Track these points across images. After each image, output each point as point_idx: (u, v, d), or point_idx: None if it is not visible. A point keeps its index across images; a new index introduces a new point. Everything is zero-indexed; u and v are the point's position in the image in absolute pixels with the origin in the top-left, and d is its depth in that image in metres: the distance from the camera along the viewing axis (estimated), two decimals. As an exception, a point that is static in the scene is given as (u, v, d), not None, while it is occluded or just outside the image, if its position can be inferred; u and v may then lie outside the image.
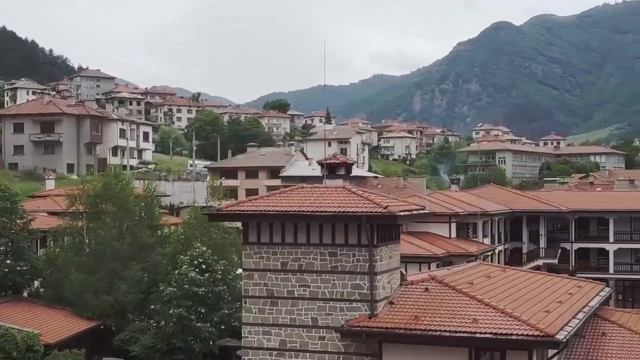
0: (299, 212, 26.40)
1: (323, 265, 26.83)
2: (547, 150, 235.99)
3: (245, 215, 27.26)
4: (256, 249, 27.51)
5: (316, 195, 27.65)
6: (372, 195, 27.65)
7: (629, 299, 78.61)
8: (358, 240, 26.52)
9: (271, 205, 27.23)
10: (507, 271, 33.73)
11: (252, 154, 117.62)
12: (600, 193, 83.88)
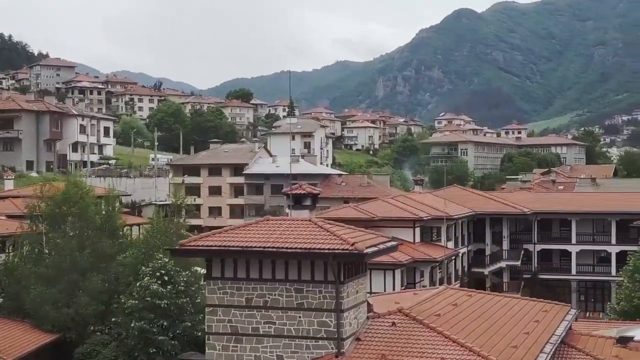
0: (264, 250, 25.86)
1: (289, 301, 26.33)
2: (509, 141, 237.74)
3: (209, 251, 26.65)
4: (220, 285, 26.92)
5: (282, 229, 27.12)
6: (339, 229, 27.19)
7: (590, 299, 79.43)
8: (324, 276, 26.06)
9: (236, 240, 26.64)
10: (472, 296, 33.49)
11: (215, 150, 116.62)
12: (563, 194, 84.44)
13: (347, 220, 64.79)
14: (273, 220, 28.17)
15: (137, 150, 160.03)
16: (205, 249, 26.72)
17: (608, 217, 77.14)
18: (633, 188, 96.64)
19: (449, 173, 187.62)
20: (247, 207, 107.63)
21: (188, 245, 27.10)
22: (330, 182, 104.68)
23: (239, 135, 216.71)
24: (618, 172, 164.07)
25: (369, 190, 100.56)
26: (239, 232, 27.29)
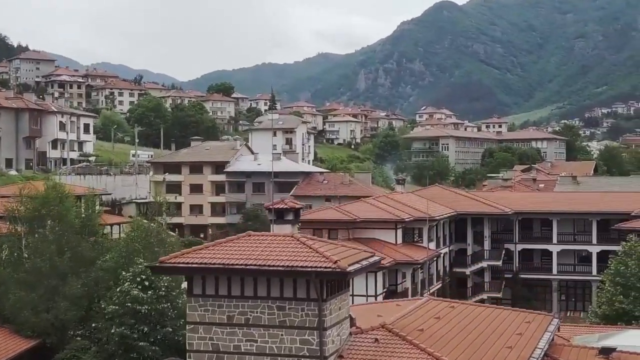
0: (246, 267, 25.58)
1: (271, 319, 26.04)
2: (490, 135, 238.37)
3: (190, 269, 26.33)
4: (201, 302, 26.60)
5: (264, 245, 26.82)
6: (321, 245, 26.94)
7: (571, 299, 79.75)
8: (307, 294, 25.79)
9: (217, 257, 26.32)
10: (455, 307, 33.39)
11: (196, 148, 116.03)
12: (544, 194, 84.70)
13: (329, 221, 65.14)
14: (255, 235, 27.87)
15: (117, 145, 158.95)
16: (186, 267, 26.40)
17: (589, 217, 77.41)
18: (613, 186, 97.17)
19: (430, 168, 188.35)
20: (228, 205, 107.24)
21: (168, 263, 26.75)
22: (312, 180, 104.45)
23: (220, 129, 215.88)
24: (598, 168, 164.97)
25: (351, 188, 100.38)
26: (220, 249, 26.97)
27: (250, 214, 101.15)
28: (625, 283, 50.05)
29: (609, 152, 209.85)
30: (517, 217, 78.18)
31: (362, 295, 59.78)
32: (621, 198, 79.12)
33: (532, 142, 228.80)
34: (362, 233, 65.45)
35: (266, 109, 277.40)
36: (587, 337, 43.68)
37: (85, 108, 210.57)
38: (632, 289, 49.79)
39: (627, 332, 42.21)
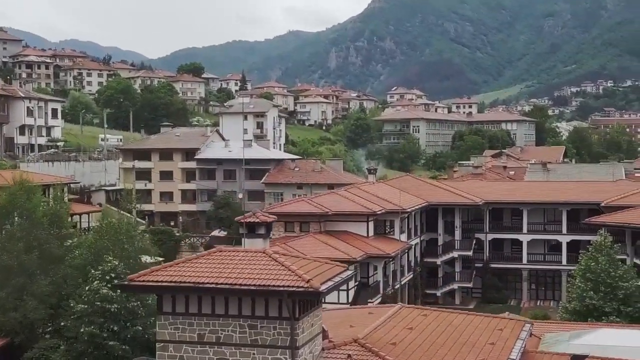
0: (217, 287, 25.24)
1: (242, 338, 25.77)
2: (460, 117, 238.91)
3: (160, 287, 25.94)
4: (171, 320, 26.25)
5: (235, 262, 26.47)
6: (294, 261, 26.65)
7: (541, 288, 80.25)
8: (279, 312, 25.53)
9: (187, 274, 25.96)
10: (427, 316, 33.29)
11: (166, 134, 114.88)
12: (514, 183, 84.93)
13: (301, 214, 64.81)
14: (225, 251, 27.48)
15: (86, 128, 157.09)
16: (155, 286, 26.01)
17: (559, 207, 77.73)
18: (582, 174, 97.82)
19: (401, 152, 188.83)
20: (199, 192, 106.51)
21: (138, 281, 26.32)
22: (284, 167, 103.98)
23: (190, 111, 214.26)
24: (568, 152, 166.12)
25: (322, 175, 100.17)
26: (190, 266, 26.59)
27: (221, 202, 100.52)
28: (595, 279, 50.21)
29: (578, 134, 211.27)
30: (487, 207, 78.36)
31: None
32: (591, 188, 79.58)
33: (502, 124, 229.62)
34: (334, 226, 65.28)
35: (237, 90, 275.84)
36: (558, 335, 43.89)
37: (53, 89, 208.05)
38: (602, 285, 49.95)
39: (599, 331, 42.42)
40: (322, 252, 60.13)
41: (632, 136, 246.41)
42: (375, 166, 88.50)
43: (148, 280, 26.20)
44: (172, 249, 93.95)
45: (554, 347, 41.35)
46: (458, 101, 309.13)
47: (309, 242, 61.47)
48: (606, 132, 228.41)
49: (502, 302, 77.33)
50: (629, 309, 49.50)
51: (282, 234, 65.76)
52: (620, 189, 77.31)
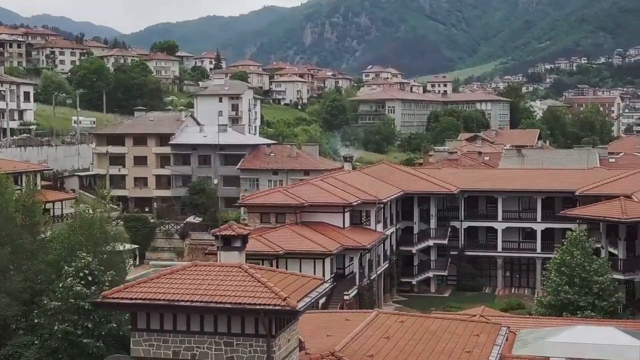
0: (192, 305, 24.92)
1: (218, 355, 25.49)
2: (435, 97, 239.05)
3: (134, 305, 25.57)
4: (145, 336, 25.91)
5: (210, 277, 26.13)
6: (271, 276, 26.36)
7: (515, 275, 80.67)
8: (255, 330, 25.27)
9: (162, 291, 25.59)
10: (404, 322, 33.20)
11: (140, 118, 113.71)
12: (489, 171, 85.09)
13: (277, 206, 64.46)
14: (201, 266, 27.13)
15: (59, 109, 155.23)
16: (130, 303, 25.63)
17: (534, 195, 78.01)
18: (557, 159, 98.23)
19: (376, 133, 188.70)
20: (174, 178, 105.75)
21: (111, 298, 25.94)
22: (259, 153, 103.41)
23: (164, 90, 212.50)
24: (542, 133, 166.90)
25: (298, 161, 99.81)
26: (165, 282, 26.20)
27: (196, 188, 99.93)
28: (570, 273, 50.41)
29: (552, 114, 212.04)
30: (462, 195, 78.47)
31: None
32: (565, 176, 79.88)
33: (476, 104, 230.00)
34: (310, 217, 65.07)
35: (211, 68, 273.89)
36: (533, 331, 44.07)
37: (25, 68, 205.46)
38: (577, 279, 50.17)
39: (574, 329, 42.60)
40: (298, 245, 60.10)
41: (606, 116, 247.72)
42: (351, 153, 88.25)
43: (122, 298, 25.82)
44: (146, 237, 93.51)
45: (529, 345, 41.56)
46: (433, 80, 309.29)
47: (285, 234, 61.24)
48: (580, 112, 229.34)
49: (477, 289, 77.74)
50: (603, 303, 49.83)
51: (258, 225, 65.47)
52: (595, 177, 77.63)
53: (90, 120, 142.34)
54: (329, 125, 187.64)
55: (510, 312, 69.29)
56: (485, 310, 50.66)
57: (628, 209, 55.58)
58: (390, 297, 74.21)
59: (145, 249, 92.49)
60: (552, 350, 40.51)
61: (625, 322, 47.06)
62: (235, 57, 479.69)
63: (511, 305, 71.20)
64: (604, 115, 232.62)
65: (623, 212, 55.01)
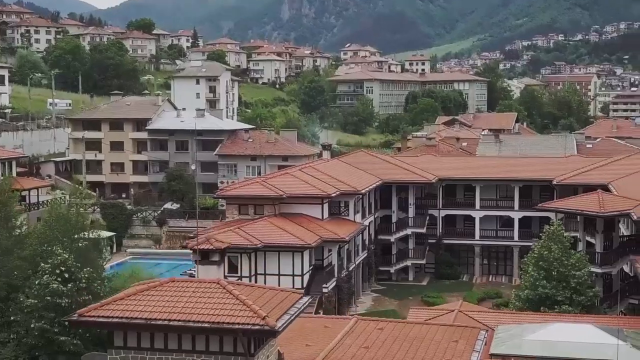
0: (169, 324, 24.70)
1: (196, 374, 25.38)
2: (413, 77, 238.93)
3: (111, 324, 25.30)
4: (122, 354, 25.73)
5: (188, 294, 25.90)
6: (249, 292, 26.17)
7: (493, 263, 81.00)
8: (234, 348, 25.15)
9: (139, 309, 25.33)
10: (383, 329, 33.16)
11: (117, 103, 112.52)
12: (467, 159, 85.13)
13: (256, 197, 64.14)
14: (179, 282, 26.88)
15: (34, 91, 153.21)
16: (106, 322, 25.36)
17: (511, 184, 78.21)
18: (534, 144, 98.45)
19: (355, 114, 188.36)
20: (151, 164, 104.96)
21: (87, 316, 25.65)
22: (237, 138, 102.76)
23: (141, 69, 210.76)
24: (519, 114, 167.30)
25: (276, 147, 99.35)
26: (142, 299, 25.95)
27: (173, 174, 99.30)
28: (548, 268, 50.57)
29: (529, 94, 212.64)
30: (441, 183, 78.52)
31: (289, 275, 59.52)
32: (543, 164, 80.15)
33: (454, 84, 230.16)
34: (289, 208, 64.81)
35: (188, 46, 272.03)
36: (511, 328, 44.24)
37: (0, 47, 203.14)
38: (555, 273, 50.36)
39: (551, 327, 42.79)
40: (277, 237, 59.88)
41: (582, 95, 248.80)
42: (329, 136, 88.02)
43: (98, 316, 25.55)
44: (123, 224, 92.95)
45: (507, 343, 41.73)
46: (411, 58, 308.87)
47: (264, 226, 60.97)
48: (557, 92, 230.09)
49: (454, 277, 78.00)
50: (581, 297, 50.03)
51: (236, 217, 65.22)
52: (572, 165, 77.96)
53: (66, 102, 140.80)
54: (307, 106, 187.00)
55: (487, 301, 70.14)
56: (463, 304, 51.12)
57: (606, 202, 55.77)
58: (369, 286, 74.30)
59: (122, 236, 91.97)
60: (530, 348, 40.74)
61: (602, 318, 47.50)
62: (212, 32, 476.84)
63: (489, 295, 71.58)
64: (580, 95, 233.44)
65: (601, 206, 55.17)
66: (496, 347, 40.57)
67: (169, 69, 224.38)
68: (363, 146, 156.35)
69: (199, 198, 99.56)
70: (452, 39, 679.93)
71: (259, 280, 59.49)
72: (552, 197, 76.11)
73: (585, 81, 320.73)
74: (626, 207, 54.63)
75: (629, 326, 45.15)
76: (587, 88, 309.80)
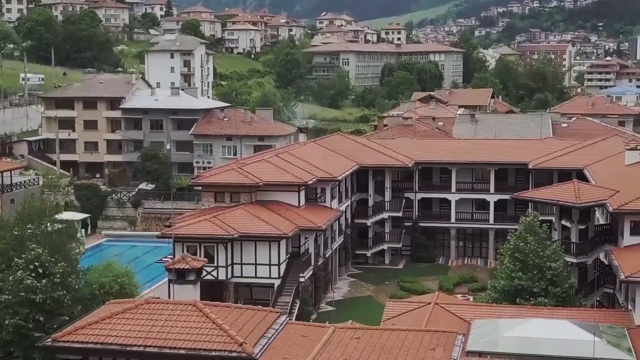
0: (145, 350, 24.47)
1: (173, 397, 25.20)
2: (389, 48, 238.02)
3: (86, 350, 25.02)
4: (99, 377, 25.53)
5: (164, 318, 25.70)
6: (225, 315, 25.95)
7: (468, 245, 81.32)
8: (210, 372, 24.98)
9: (114, 334, 25.14)
10: (360, 338, 33.05)
11: (90, 81, 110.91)
12: (444, 142, 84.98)
13: (233, 186, 63.71)
14: (154, 304, 26.61)
15: (6, 64, 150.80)
16: (81, 348, 25.10)
17: (487, 167, 78.34)
18: (510, 124, 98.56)
19: (331, 87, 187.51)
20: (125, 143, 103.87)
21: (62, 342, 25.36)
22: (212, 118, 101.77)
23: (114, 39, 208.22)
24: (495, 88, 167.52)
25: (252, 127, 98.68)
26: (117, 323, 25.73)
27: (148, 154, 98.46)
28: (524, 259, 50.70)
29: (505, 66, 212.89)
30: (417, 166, 78.45)
31: (265, 264, 59.40)
32: (518, 147, 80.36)
33: (430, 55, 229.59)
34: (265, 196, 64.48)
35: (162, 15, 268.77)
36: (487, 323, 44.44)
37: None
38: (531, 265, 50.53)
39: (527, 323, 42.98)
40: (253, 227, 59.59)
41: (557, 66, 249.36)
42: (306, 125, 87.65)
43: (73, 341, 25.28)
44: (98, 205, 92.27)
45: (483, 340, 41.96)
46: (387, 27, 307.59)
47: (240, 215, 60.71)
48: (532, 63, 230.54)
49: (430, 260, 78.25)
50: (556, 289, 50.28)
51: (213, 204, 64.85)
52: (548, 148, 78.26)
53: (39, 77, 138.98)
54: (283, 79, 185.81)
55: (463, 285, 70.49)
56: (440, 296, 51.29)
57: (581, 192, 55.83)
58: (346, 271, 74.38)
59: (97, 218, 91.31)
60: (506, 345, 41.04)
61: (578, 311, 47.85)
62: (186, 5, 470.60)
63: (464, 279, 71.91)
64: (555, 66, 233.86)
65: (576, 197, 55.24)
66: (472, 344, 40.83)
67: (142, 39, 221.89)
68: (340, 121, 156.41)
69: (175, 178, 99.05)
70: (428, 5, 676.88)
71: (235, 269, 59.52)
72: (527, 180, 76.72)
73: (560, 50, 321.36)
74: (602, 197, 54.76)
75: (604, 319, 45.66)
76: (562, 57, 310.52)
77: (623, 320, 45.81)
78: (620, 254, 49.89)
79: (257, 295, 61.63)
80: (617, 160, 65.78)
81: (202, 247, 58.98)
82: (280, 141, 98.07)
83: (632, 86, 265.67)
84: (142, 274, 71.75)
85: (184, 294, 27.22)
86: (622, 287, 48.15)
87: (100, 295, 50.13)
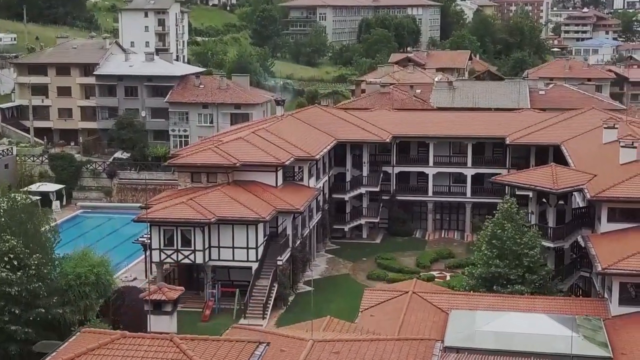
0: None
1: None
2: (366, 2, 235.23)
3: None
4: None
5: (140, 355, 25.27)
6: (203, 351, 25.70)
7: (445, 219, 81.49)
8: (189, 413, 24.80)
9: (90, 373, 24.78)
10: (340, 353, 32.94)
11: (63, 46, 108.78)
12: (422, 115, 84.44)
13: (209, 166, 63.16)
14: (130, 338, 26.16)
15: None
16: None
17: (464, 141, 78.22)
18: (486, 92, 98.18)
19: (307, 45, 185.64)
20: (99, 110, 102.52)
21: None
22: (188, 85, 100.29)
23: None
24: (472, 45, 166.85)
25: (229, 94, 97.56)
26: (93, 359, 25.30)
27: (123, 122, 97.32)
28: (501, 246, 50.81)
29: (482, 21, 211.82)
30: (395, 140, 78.13)
31: (243, 247, 59.28)
32: (496, 120, 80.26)
33: (407, 9, 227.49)
34: (242, 176, 64.11)
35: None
36: (465, 315, 44.66)
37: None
38: (508, 252, 50.67)
39: (505, 317, 43.21)
40: (230, 210, 59.31)
41: (534, 19, 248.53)
42: (283, 98, 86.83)
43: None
44: (73, 175, 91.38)
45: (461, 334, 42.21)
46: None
47: (217, 197, 60.36)
48: (510, 18, 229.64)
49: (408, 234, 78.40)
50: (533, 276, 50.55)
51: (189, 185, 64.37)
52: (525, 121, 78.24)
53: (11, 37, 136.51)
54: (259, 36, 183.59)
55: (440, 262, 70.79)
56: (417, 284, 51.39)
57: (559, 177, 55.76)
58: (323, 247, 74.37)
59: (72, 188, 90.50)
60: (484, 341, 41.33)
61: (555, 300, 48.11)
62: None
63: (441, 255, 72.18)
64: (533, 20, 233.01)
65: (554, 182, 55.18)
66: (450, 339, 41.07)
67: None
68: (317, 80, 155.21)
69: (150, 146, 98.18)
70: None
71: (212, 252, 59.31)
72: (504, 154, 76.89)
73: (538, 1, 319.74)
74: (580, 182, 54.81)
75: (581, 310, 45.90)
76: (540, 9, 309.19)
77: (599, 309, 46.08)
78: (598, 241, 50.02)
79: (235, 277, 61.74)
80: (594, 137, 65.79)
81: (179, 230, 58.76)
82: (257, 109, 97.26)
83: (608, 38, 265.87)
84: (121, 249, 71.74)
85: (161, 325, 26.85)
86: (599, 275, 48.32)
87: (77, 286, 49.88)
